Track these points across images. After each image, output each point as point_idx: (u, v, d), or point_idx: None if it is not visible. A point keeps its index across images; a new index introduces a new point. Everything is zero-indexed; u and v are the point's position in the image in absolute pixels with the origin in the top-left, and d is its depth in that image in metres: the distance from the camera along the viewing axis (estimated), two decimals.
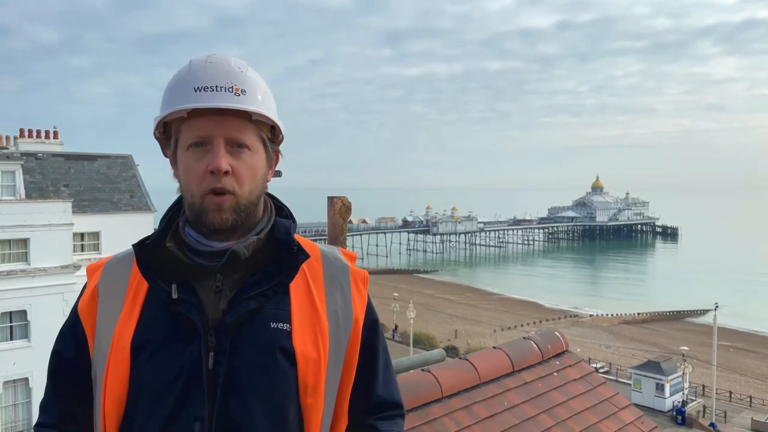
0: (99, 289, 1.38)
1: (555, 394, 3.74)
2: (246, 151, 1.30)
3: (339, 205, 2.97)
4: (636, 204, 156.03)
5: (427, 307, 61.30)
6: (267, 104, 1.33)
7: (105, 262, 1.44)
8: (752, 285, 78.02)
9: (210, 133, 1.27)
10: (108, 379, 1.29)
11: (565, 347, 4.23)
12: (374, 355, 1.47)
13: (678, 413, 32.99)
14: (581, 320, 61.75)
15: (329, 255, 1.46)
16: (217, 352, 1.26)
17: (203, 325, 1.26)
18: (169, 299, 1.28)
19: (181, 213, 1.39)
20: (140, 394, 1.27)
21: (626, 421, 3.83)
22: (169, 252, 1.31)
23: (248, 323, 1.29)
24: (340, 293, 1.41)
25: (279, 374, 1.28)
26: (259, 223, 1.37)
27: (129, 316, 1.31)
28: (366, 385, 1.45)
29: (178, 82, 1.30)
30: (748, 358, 48.77)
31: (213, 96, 1.25)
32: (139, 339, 1.28)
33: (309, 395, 1.31)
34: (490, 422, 3.29)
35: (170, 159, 1.37)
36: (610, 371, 41.50)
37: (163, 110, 1.30)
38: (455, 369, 3.50)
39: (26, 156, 26.67)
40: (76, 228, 25.25)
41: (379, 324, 1.53)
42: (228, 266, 1.29)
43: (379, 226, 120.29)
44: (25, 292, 23.35)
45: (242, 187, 1.29)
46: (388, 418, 1.49)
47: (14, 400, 23.48)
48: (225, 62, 1.30)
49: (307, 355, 1.30)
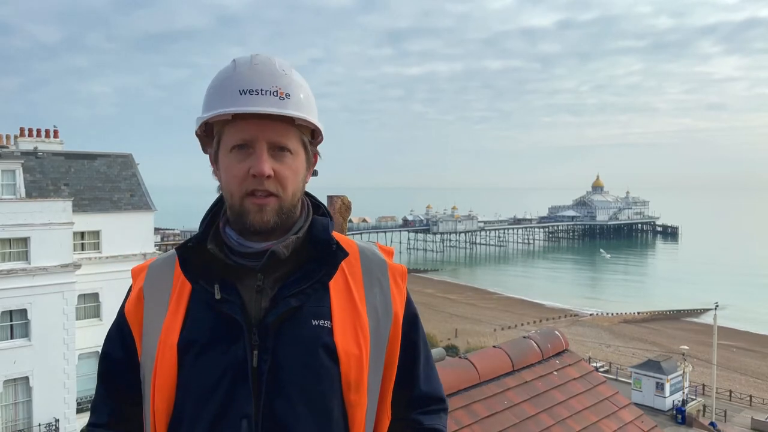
0: (144, 291, 1.41)
1: (555, 393, 3.75)
2: (288, 154, 1.32)
3: (339, 204, 2.97)
4: (636, 203, 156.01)
5: (428, 306, 61.29)
6: (309, 108, 1.34)
7: (149, 264, 1.47)
8: (752, 284, 77.97)
9: (253, 137, 1.28)
10: (156, 379, 1.32)
11: (564, 346, 4.23)
12: (415, 349, 1.48)
13: (678, 412, 32.99)
14: (581, 319, 61.76)
15: (367, 251, 1.47)
16: (261, 350, 1.28)
17: (246, 324, 1.29)
18: (213, 299, 1.31)
19: (221, 213, 1.41)
20: (188, 392, 1.30)
21: (626, 420, 3.83)
22: (211, 253, 1.33)
23: (290, 321, 1.31)
24: (379, 289, 1.42)
25: (322, 371, 1.30)
26: (297, 222, 1.38)
27: (174, 316, 1.34)
28: (408, 380, 1.46)
29: (223, 82, 1.31)
30: (748, 358, 48.79)
31: (258, 100, 1.26)
32: (186, 339, 1.31)
33: (352, 391, 1.33)
34: (490, 421, 3.29)
35: (210, 158, 1.39)
36: (611, 370, 41.52)
37: (207, 110, 1.31)
38: (455, 368, 3.50)
39: (26, 155, 26.68)
40: (76, 227, 25.26)
41: (419, 319, 1.53)
42: (268, 266, 1.31)
43: (379, 225, 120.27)
44: (25, 291, 23.37)
45: (285, 190, 1.32)
46: (432, 413, 1.50)
47: (14, 398, 23.49)
48: (270, 64, 1.31)
49: (349, 351, 1.32)
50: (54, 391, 23.88)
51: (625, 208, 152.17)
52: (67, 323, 24.37)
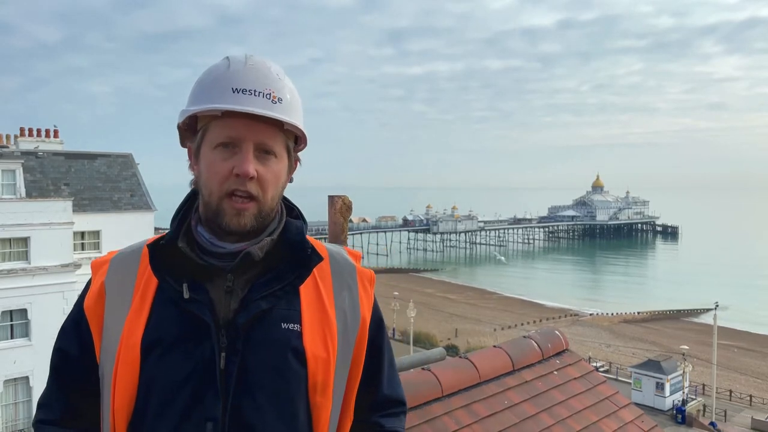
0: (106, 285, 1.37)
1: (555, 393, 3.75)
2: (272, 158, 1.31)
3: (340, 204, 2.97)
4: (636, 203, 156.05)
5: (427, 306, 61.32)
6: (298, 113, 1.34)
7: (111, 257, 1.43)
8: (752, 284, 78.00)
9: (241, 136, 1.27)
10: (117, 377, 1.29)
11: (565, 346, 4.23)
12: (380, 354, 1.49)
13: (678, 412, 33.00)
14: (581, 319, 61.77)
15: (336, 255, 1.47)
16: (230, 352, 1.26)
17: (215, 325, 1.27)
18: (180, 298, 1.28)
19: (193, 210, 1.38)
20: (151, 392, 1.27)
21: (626, 420, 3.84)
22: (181, 251, 1.31)
23: (259, 324, 1.29)
24: (348, 293, 1.42)
25: (290, 374, 1.29)
26: (271, 224, 1.37)
27: (138, 314, 1.31)
28: (372, 384, 1.48)
29: (216, 79, 1.29)
30: (748, 357, 48.80)
31: (251, 100, 1.25)
32: (150, 337, 1.28)
33: (318, 394, 1.33)
34: (491, 421, 3.29)
35: (189, 151, 1.36)
36: (611, 370, 41.54)
37: (196, 104, 1.29)
38: (455, 368, 3.50)
39: (26, 155, 26.69)
40: (76, 227, 25.27)
41: (384, 323, 1.55)
42: (240, 267, 1.30)
43: (379, 224, 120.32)
44: (25, 291, 23.37)
45: (265, 193, 1.30)
46: (393, 415, 1.52)
47: (15, 398, 23.50)
48: (265, 67, 1.31)
49: (317, 355, 1.32)
50: None
51: (625, 208, 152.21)
52: None
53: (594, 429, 3.62)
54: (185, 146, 1.38)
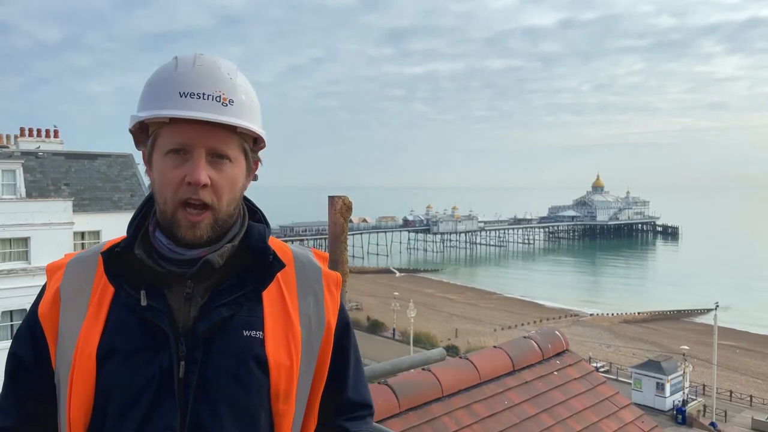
0: (61, 291, 1.32)
1: (555, 393, 3.75)
2: (227, 162, 1.26)
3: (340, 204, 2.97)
4: (636, 203, 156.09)
5: (428, 306, 61.29)
6: (253, 115, 1.29)
7: (66, 262, 1.38)
8: (753, 284, 77.99)
9: (191, 143, 1.22)
10: (73, 386, 1.25)
11: (565, 346, 4.23)
12: (345, 357, 1.46)
13: (678, 412, 33.03)
14: (582, 319, 61.78)
15: (302, 258, 1.42)
16: (189, 360, 1.23)
17: (174, 333, 1.23)
18: (138, 306, 1.24)
19: (151, 215, 1.34)
20: (107, 401, 1.23)
21: (626, 420, 3.84)
22: (138, 258, 1.27)
23: (220, 331, 1.25)
24: (313, 298, 1.38)
25: (251, 382, 1.26)
26: (232, 229, 1.32)
27: (94, 321, 1.26)
28: (336, 387, 1.45)
29: (163, 82, 1.24)
30: (748, 358, 48.79)
31: (199, 104, 1.20)
32: (106, 346, 1.24)
33: (281, 401, 1.30)
34: (491, 421, 3.29)
35: (144, 157, 1.31)
36: (611, 370, 41.53)
37: (143, 109, 1.25)
38: (456, 368, 3.50)
39: (27, 155, 26.70)
40: (76, 227, 25.27)
41: (351, 326, 1.50)
42: (200, 274, 1.26)
43: (379, 225, 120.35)
44: (25, 291, 23.32)
45: (220, 200, 1.26)
46: (359, 418, 1.48)
47: None
48: (214, 66, 1.25)
49: (280, 362, 1.28)
50: None
51: (625, 208, 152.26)
52: None
53: (594, 429, 3.62)
54: (140, 150, 1.32)
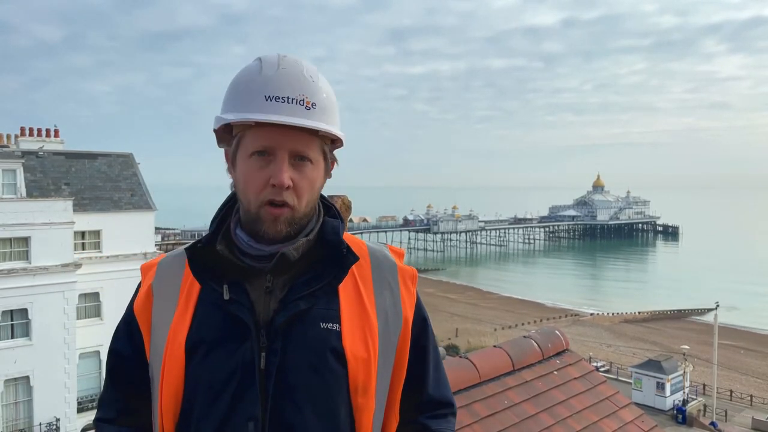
0: (153, 288, 1.41)
1: (555, 393, 3.75)
2: (308, 164, 1.31)
3: (339, 204, 2.97)
4: (637, 203, 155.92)
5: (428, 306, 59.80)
6: (333, 116, 1.33)
7: (159, 261, 1.47)
8: (753, 284, 77.89)
9: (275, 145, 1.27)
10: (164, 377, 1.32)
11: (565, 346, 4.23)
12: (425, 354, 1.48)
13: (679, 412, 32.99)
14: (582, 319, 61.74)
15: (377, 253, 1.46)
16: (269, 352, 1.28)
17: (254, 325, 1.29)
18: (221, 299, 1.30)
19: (233, 213, 1.40)
20: (195, 392, 1.30)
21: (626, 420, 3.84)
22: (220, 254, 1.33)
23: (298, 323, 1.30)
24: (389, 292, 1.41)
25: (330, 374, 1.29)
26: (309, 224, 1.37)
27: (183, 315, 1.34)
28: (417, 384, 1.46)
29: (249, 85, 1.28)
30: (748, 357, 48.77)
31: (284, 108, 1.25)
32: (193, 339, 1.31)
33: (360, 395, 1.32)
34: (491, 421, 3.29)
35: (226, 155, 1.37)
36: (611, 370, 41.51)
37: (230, 110, 1.29)
38: (456, 368, 3.50)
39: (27, 154, 26.69)
40: (76, 226, 25.28)
41: (429, 322, 1.53)
42: (278, 268, 1.31)
43: (379, 224, 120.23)
44: (26, 291, 23.38)
45: (300, 201, 1.31)
46: (440, 417, 1.49)
47: (15, 398, 23.52)
48: (297, 69, 1.29)
49: (357, 355, 1.31)
50: (55, 391, 23.89)
51: (625, 207, 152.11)
52: (68, 323, 24.38)
53: (594, 429, 3.61)
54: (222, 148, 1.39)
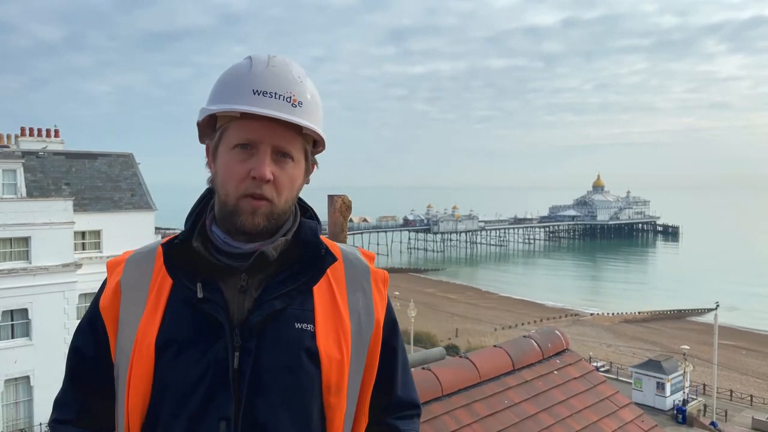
0: (122, 284, 1.38)
1: (555, 393, 3.75)
2: (290, 161, 1.31)
3: (339, 203, 2.97)
4: (637, 203, 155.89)
5: (428, 306, 61.28)
6: (317, 117, 1.34)
7: (127, 257, 1.45)
8: (754, 284, 77.87)
9: (259, 139, 1.28)
10: (132, 377, 1.30)
11: (565, 346, 4.24)
12: (394, 355, 1.49)
13: (679, 412, 33.00)
14: (582, 319, 61.72)
15: (350, 256, 1.47)
16: (243, 351, 1.27)
17: (228, 325, 1.27)
18: (194, 298, 1.29)
19: (208, 210, 1.39)
20: (165, 392, 1.28)
21: (626, 420, 3.84)
22: (195, 251, 1.32)
23: (273, 323, 1.30)
24: (362, 294, 1.42)
25: (303, 374, 1.29)
26: (285, 224, 1.37)
27: (153, 313, 1.32)
28: (386, 386, 1.48)
29: (238, 78, 1.29)
30: (749, 357, 48.76)
31: (271, 103, 1.25)
32: (164, 337, 1.29)
33: (332, 395, 1.33)
34: (491, 420, 3.29)
35: (207, 149, 1.37)
36: (611, 370, 41.51)
37: (217, 103, 1.29)
38: (456, 367, 3.51)
39: (27, 154, 26.70)
40: (77, 226, 25.29)
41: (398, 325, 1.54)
42: (255, 266, 1.30)
43: (380, 224, 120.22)
44: (26, 291, 23.39)
45: (280, 196, 1.31)
46: (407, 418, 1.52)
47: (15, 398, 23.52)
48: (287, 68, 1.30)
49: (331, 355, 1.32)
50: (55, 391, 23.31)
51: (625, 207, 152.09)
52: (68, 322, 24.38)
53: (594, 428, 3.62)
54: (204, 143, 1.38)
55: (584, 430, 3.57)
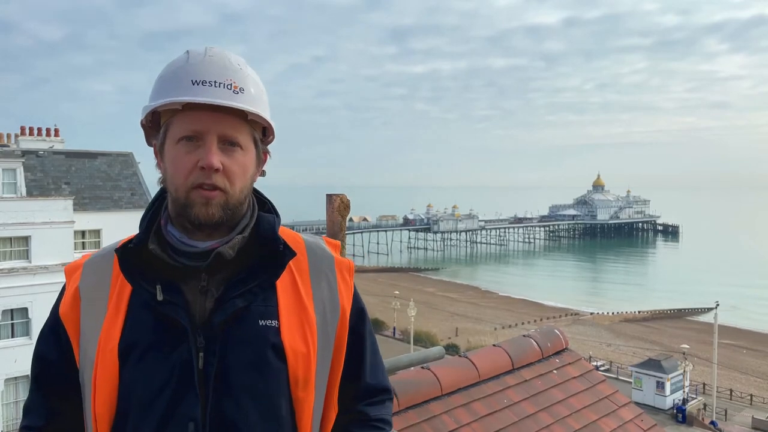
0: (81, 291, 1.35)
1: (554, 392, 3.75)
2: (238, 149, 1.29)
3: (338, 202, 2.97)
4: (637, 202, 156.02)
5: (428, 305, 61.30)
6: (262, 104, 1.32)
7: (83, 262, 1.41)
8: (754, 283, 77.92)
9: (204, 129, 1.25)
10: (97, 383, 1.28)
11: (564, 345, 4.24)
12: (362, 343, 1.47)
13: (679, 411, 33.04)
14: (582, 318, 61.75)
15: (314, 246, 1.44)
16: (207, 352, 1.25)
17: (191, 326, 1.26)
18: (154, 301, 1.26)
19: (162, 210, 1.36)
20: (131, 396, 1.26)
21: (625, 419, 3.84)
22: (152, 253, 1.29)
23: (236, 322, 1.28)
24: (326, 284, 1.40)
25: (270, 371, 1.28)
26: (243, 220, 1.34)
27: (114, 318, 1.29)
28: (354, 373, 1.46)
29: (175, 72, 1.27)
30: (748, 357, 48.79)
31: (211, 91, 1.23)
32: (126, 342, 1.26)
33: (300, 389, 1.32)
34: (490, 420, 3.30)
35: (155, 149, 1.33)
36: (611, 369, 41.53)
37: (156, 99, 1.26)
38: (455, 367, 3.51)
39: (27, 154, 26.70)
40: (77, 226, 25.29)
41: (366, 312, 1.51)
42: (214, 266, 1.28)
43: (380, 224, 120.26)
44: (26, 290, 23.38)
45: (233, 185, 1.28)
46: (377, 403, 1.50)
47: (15, 397, 23.54)
48: (225, 58, 1.28)
49: (297, 349, 1.30)
50: None
51: (625, 207, 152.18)
52: None
53: (593, 428, 3.62)
54: (151, 145, 1.34)
55: (583, 430, 3.57)
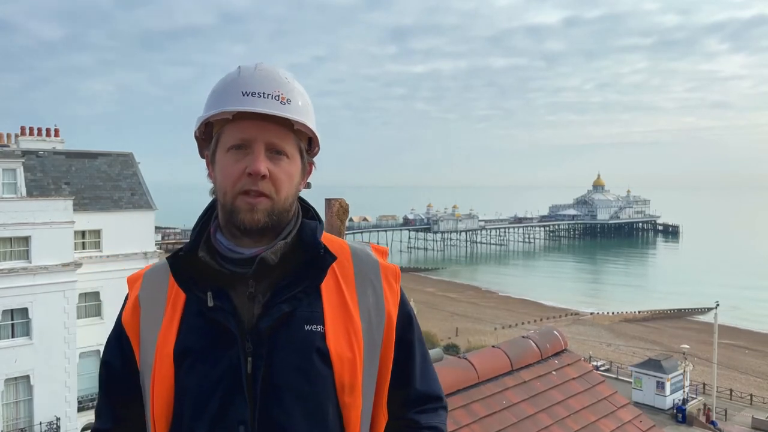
0: (140, 299, 1.43)
1: (553, 393, 3.76)
2: (284, 158, 1.34)
3: (337, 207, 2.97)
4: (637, 202, 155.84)
5: (428, 305, 61.28)
6: (308, 116, 1.37)
7: (144, 272, 1.49)
8: (754, 283, 77.87)
9: (252, 137, 1.31)
10: (155, 387, 1.35)
11: (563, 346, 4.24)
12: (410, 349, 1.48)
13: (678, 411, 33.03)
14: (582, 318, 61.72)
15: (360, 252, 1.47)
16: (255, 357, 1.30)
17: (239, 331, 1.30)
18: (206, 307, 1.32)
19: (213, 219, 1.42)
20: (185, 400, 1.32)
21: (624, 420, 3.85)
22: (202, 261, 1.35)
23: (283, 327, 1.32)
24: (372, 290, 1.42)
25: (316, 375, 1.31)
26: (287, 227, 1.39)
27: (170, 325, 1.36)
28: (404, 380, 1.47)
29: (227, 85, 1.34)
30: (748, 356, 48.76)
31: (260, 102, 1.29)
32: (180, 347, 1.33)
33: (347, 394, 1.34)
34: (489, 421, 3.30)
35: (207, 159, 1.40)
36: (611, 369, 41.52)
37: (209, 110, 1.33)
38: (454, 368, 3.52)
39: (27, 154, 26.70)
40: (77, 226, 25.28)
41: (414, 318, 1.53)
42: (259, 272, 1.33)
43: (380, 224, 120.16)
44: (26, 290, 23.39)
45: (279, 192, 1.33)
46: (429, 411, 1.50)
47: (15, 397, 23.54)
48: (273, 71, 1.35)
49: (342, 355, 1.33)
50: (55, 390, 23.92)
51: (625, 206, 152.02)
52: (68, 322, 24.41)
53: (592, 429, 3.62)
54: (203, 156, 1.41)
55: (582, 431, 3.58)
